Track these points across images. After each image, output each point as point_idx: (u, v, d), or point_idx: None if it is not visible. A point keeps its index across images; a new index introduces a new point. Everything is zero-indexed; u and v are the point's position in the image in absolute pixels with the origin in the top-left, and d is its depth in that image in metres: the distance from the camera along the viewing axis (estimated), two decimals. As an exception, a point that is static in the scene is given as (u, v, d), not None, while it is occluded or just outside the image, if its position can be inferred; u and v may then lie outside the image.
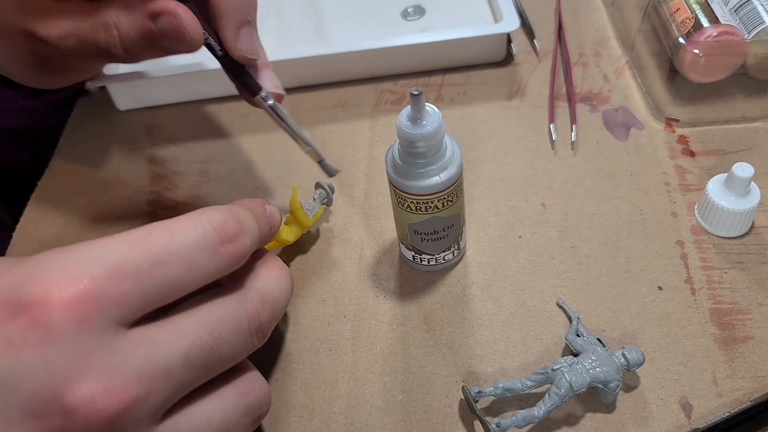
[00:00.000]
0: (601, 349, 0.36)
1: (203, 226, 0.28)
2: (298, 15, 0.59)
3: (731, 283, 0.41)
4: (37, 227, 0.48)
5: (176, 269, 0.27)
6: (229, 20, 0.36)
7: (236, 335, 0.29)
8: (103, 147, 0.53)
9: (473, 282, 0.42)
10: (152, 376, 0.26)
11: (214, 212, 0.29)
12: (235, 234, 0.29)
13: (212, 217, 0.29)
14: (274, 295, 0.33)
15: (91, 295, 0.25)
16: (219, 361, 0.29)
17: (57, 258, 0.26)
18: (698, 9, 0.47)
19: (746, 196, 0.42)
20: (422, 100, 0.34)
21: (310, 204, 0.43)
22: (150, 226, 0.28)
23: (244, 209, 0.32)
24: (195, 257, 0.28)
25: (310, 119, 0.53)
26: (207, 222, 0.29)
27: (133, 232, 0.28)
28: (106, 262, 0.26)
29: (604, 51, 0.56)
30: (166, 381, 0.26)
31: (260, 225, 0.33)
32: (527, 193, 0.47)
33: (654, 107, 0.51)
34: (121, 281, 0.26)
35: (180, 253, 0.27)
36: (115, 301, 0.26)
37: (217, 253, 0.29)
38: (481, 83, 0.55)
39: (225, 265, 0.29)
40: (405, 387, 0.38)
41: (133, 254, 0.27)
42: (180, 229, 0.28)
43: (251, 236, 0.31)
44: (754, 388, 0.37)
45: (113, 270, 0.26)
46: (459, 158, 0.37)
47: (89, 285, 0.25)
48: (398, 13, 0.59)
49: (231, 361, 0.30)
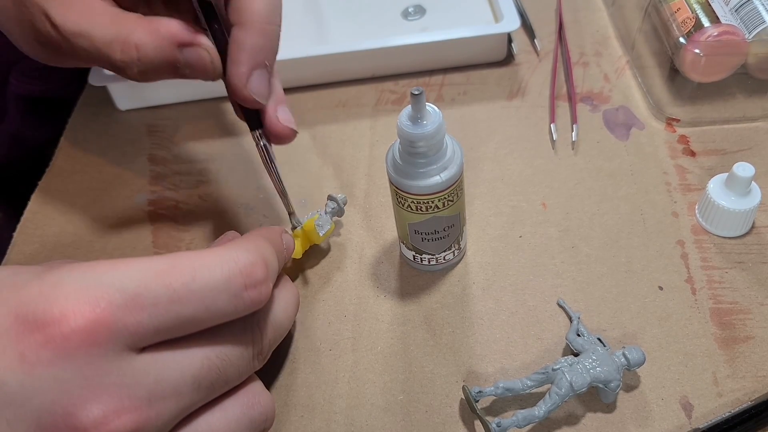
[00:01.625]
0: (602, 349, 0.36)
1: (229, 268, 0.28)
2: (299, 15, 0.59)
3: (732, 283, 0.41)
4: (38, 227, 0.48)
5: (193, 308, 0.27)
6: (246, 58, 0.35)
7: (241, 358, 0.30)
8: (104, 147, 0.53)
9: (474, 282, 0.42)
10: (163, 398, 0.26)
11: (243, 254, 0.29)
12: (260, 280, 0.29)
13: (240, 258, 0.29)
14: (279, 319, 0.33)
15: (106, 321, 0.25)
16: (224, 382, 0.29)
17: (77, 276, 0.26)
18: (699, 9, 0.47)
19: (747, 196, 0.42)
20: (423, 100, 0.34)
21: (322, 218, 0.42)
22: (175, 256, 0.28)
23: (269, 247, 0.32)
24: (215, 299, 0.28)
25: (311, 119, 0.53)
26: (234, 263, 0.28)
27: (157, 260, 0.28)
28: (126, 288, 0.26)
29: (604, 51, 0.56)
30: (176, 402, 0.27)
31: (279, 258, 0.33)
32: (528, 192, 0.47)
33: (655, 107, 0.51)
34: (137, 311, 0.26)
35: (200, 294, 0.27)
36: (129, 330, 0.26)
37: (238, 297, 0.28)
38: (481, 83, 0.55)
39: (244, 309, 0.29)
40: (405, 387, 0.38)
41: (153, 286, 0.26)
42: (205, 266, 0.28)
43: (273, 277, 0.31)
44: (755, 388, 0.37)
45: (131, 299, 0.26)
46: (459, 158, 0.37)
47: (106, 311, 0.25)
48: (399, 13, 0.59)
49: (235, 381, 0.30)
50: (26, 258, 0.46)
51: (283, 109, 0.38)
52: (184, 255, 0.28)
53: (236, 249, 0.29)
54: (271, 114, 0.37)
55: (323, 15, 0.59)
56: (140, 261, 0.27)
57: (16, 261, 0.46)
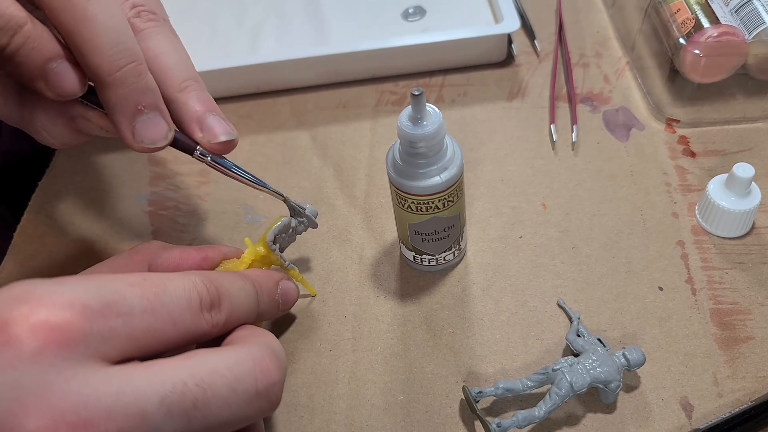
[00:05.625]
0: (602, 350, 0.36)
1: (190, 288, 0.29)
2: (299, 15, 0.59)
3: (732, 284, 0.41)
4: (38, 227, 0.48)
5: (163, 321, 0.27)
6: (119, 115, 0.33)
7: (233, 392, 0.27)
8: (104, 147, 0.53)
9: (474, 282, 0.42)
10: (125, 415, 0.24)
11: (200, 278, 0.30)
12: (212, 304, 0.30)
13: (197, 282, 0.29)
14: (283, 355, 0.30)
15: (80, 324, 0.24)
16: (205, 417, 0.26)
17: (50, 282, 0.26)
18: (699, 9, 0.47)
19: (747, 197, 0.42)
20: (423, 101, 0.34)
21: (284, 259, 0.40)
22: (145, 273, 0.29)
23: (238, 283, 0.32)
24: (181, 314, 0.28)
25: (311, 120, 0.53)
26: (193, 285, 0.29)
27: (129, 276, 0.28)
28: (103, 294, 0.26)
29: (604, 52, 0.56)
30: (140, 423, 0.24)
31: (262, 300, 0.34)
32: (528, 193, 0.47)
33: (655, 108, 0.51)
34: (112, 317, 0.25)
35: (168, 307, 0.28)
36: (103, 335, 0.25)
37: (198, 317, 0.29)
38: (481, 84, 0.55)
39: (204, 329, 0.29)
40: (406, 387, 0.38)
41: (128, 294, 0.26)
42: (172, 284, 0.28)
43: (232, 311, 0.31)
44: (755, 389, 0.37)
45: (107, 304, 0.25)
46: (459, 159, 0.37)
47: (81, 313, 0.25)
48: (399, 14, 0.59)
49: (229, 424, 0.27)
50: (26, 258, 0.46)
51: (211, 122, 0.36)
52: (153, 274, 0.29)
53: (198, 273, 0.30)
54: (195, 130, 0.36)
55: (323, 16, 0.59)
56: (113, 275, 0.27)
57: (17, 261, 0.46)
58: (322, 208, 0.47)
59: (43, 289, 0.25)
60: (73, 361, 0.24)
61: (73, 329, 0.24)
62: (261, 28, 0.58)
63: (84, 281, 0.26)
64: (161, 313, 0.27)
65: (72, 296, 0.25)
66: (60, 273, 0.45)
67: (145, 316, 0.27)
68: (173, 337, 0.28)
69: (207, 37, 0.58)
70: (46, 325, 0.24)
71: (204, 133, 0.36)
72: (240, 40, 0.58)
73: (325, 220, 0.46)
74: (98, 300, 0.25)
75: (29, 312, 0.24)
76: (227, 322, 0.30)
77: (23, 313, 0.24)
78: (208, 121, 0.36)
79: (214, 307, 0.30)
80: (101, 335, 0.25)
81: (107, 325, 0.25)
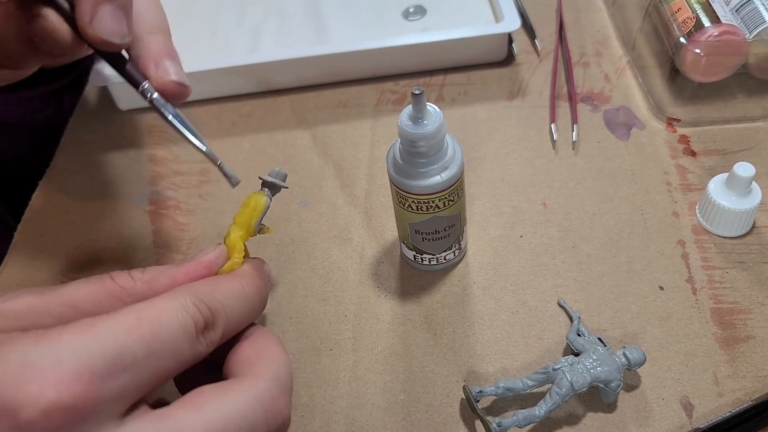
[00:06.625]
0: (602, 349, 0.36)
1: (183, 315, 0.27)
2: (299, 15, 0.59)
3: (732, 283, 0.41)
4: (38, 227, 0.48)
5: (165, 359, 0.26)
6: None
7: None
8: (105, 146, 0.53)
9: (474, 282, 0.42)
10: None
11: (191, 299, 0.28)
12: (206, 325, 0.28)
13: (188, 305, 0.28)
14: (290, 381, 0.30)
15: (92, 393, 0.23)
16: None
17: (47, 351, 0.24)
18: (699, 9, 0.47)
19: (747, 196, 0.42)
20: (423, 100, 0.34)
21: None
22: (136, 309, 0.26)
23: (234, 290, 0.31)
24: (180, 346, 0.27)
25: (312, 119, 0.53)
26: (185, 311, 0.27)
27: (122, 317, 0.26)
28: (106, 352, 0.24)
29: (605, 51, 0.56)
30: None
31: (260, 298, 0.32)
32: (528, 192, 0.47)
33: (655, 107, 0.51)
34: (120, 374, 0.24)
35: (168, 343, 0.26)
36: (113, 396, 0.24)
37: (194, 343, 0.27)
38: (482, 83, 0.55)
39: (201, 353, 0.28)
40: (406, 386, 0.38)
41: (129, 342, 0.25)
42: (165, 314, 0.27)
43: (228, 325, 0.29)
44: (755, 388, 0.37)
45: (113, 363, 0.24)
46: (460, 158, 0.37)
47: (89, 382, 0.23)
48: (399, 13, 0.59)
49: None
50: (26, 258, 0.46)
51: (167, 63, 0.35)
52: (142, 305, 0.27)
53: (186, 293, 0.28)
54: (150, 66, 0.34)
55: (324, 15, 0.59)
56: (106, 320, 0.26)
57: (17, 261, 0.46)
58: (322, 207, 0.47)
59: (44, 362, 0.23)
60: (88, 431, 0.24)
61: (85, 403, 0.23)
62: (261, 28, 0.58)
63: (83, 339, 0.25)
64: (162, 352, 0.26)
65: (77, 364, 0.24)
66: (60, 273, 0.45)
67: (149, 360, 0.25)
68: (175, 369, 0.27)
69: (207, 37, 0.58)
70: (59, 407, 0.23)
71: (157, 70, 0.35)
72: (240, 40, 0.58)
73: (325, 219, 0.47)
74: (103, 361, 0.24)
75: (38, 393, 0.23)
76: (223, 337, 0.29)
77: (31, 395, 0.23)
78: (165, 62, 0.35)
79: (208, 328, 0.28)
80: (112, 397, 0.24)
81: (116, 385, 0.24)
